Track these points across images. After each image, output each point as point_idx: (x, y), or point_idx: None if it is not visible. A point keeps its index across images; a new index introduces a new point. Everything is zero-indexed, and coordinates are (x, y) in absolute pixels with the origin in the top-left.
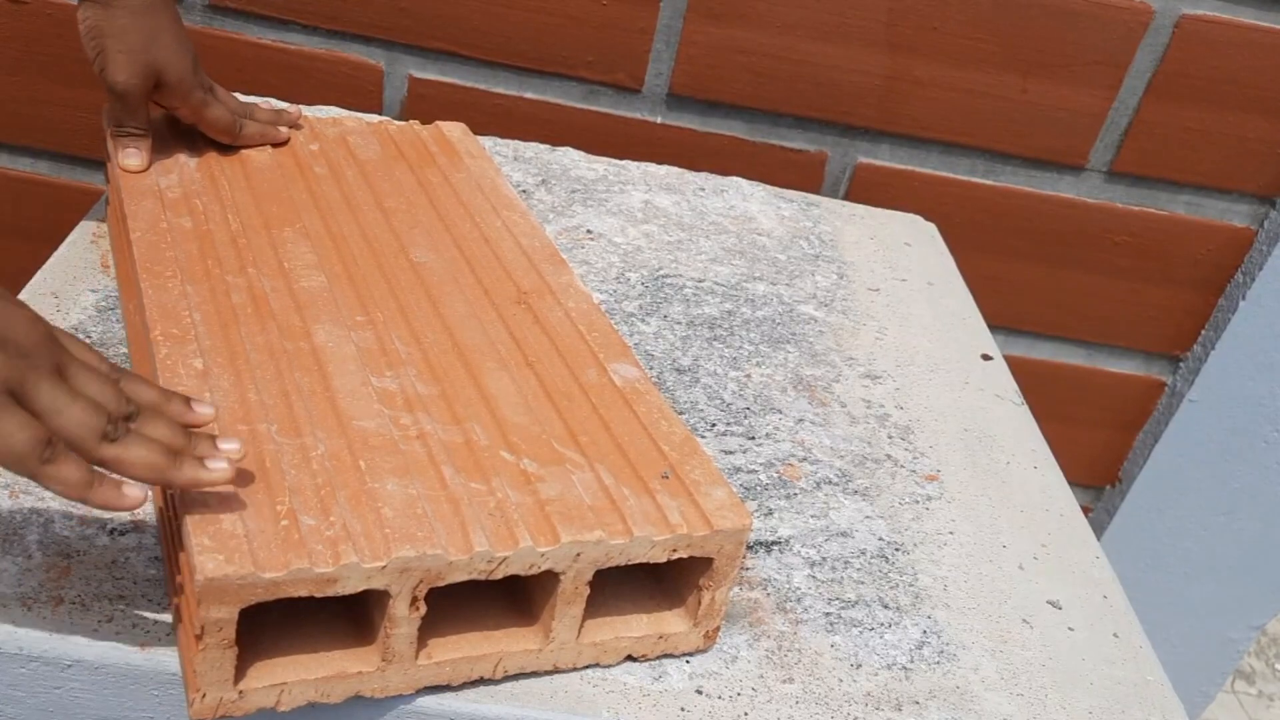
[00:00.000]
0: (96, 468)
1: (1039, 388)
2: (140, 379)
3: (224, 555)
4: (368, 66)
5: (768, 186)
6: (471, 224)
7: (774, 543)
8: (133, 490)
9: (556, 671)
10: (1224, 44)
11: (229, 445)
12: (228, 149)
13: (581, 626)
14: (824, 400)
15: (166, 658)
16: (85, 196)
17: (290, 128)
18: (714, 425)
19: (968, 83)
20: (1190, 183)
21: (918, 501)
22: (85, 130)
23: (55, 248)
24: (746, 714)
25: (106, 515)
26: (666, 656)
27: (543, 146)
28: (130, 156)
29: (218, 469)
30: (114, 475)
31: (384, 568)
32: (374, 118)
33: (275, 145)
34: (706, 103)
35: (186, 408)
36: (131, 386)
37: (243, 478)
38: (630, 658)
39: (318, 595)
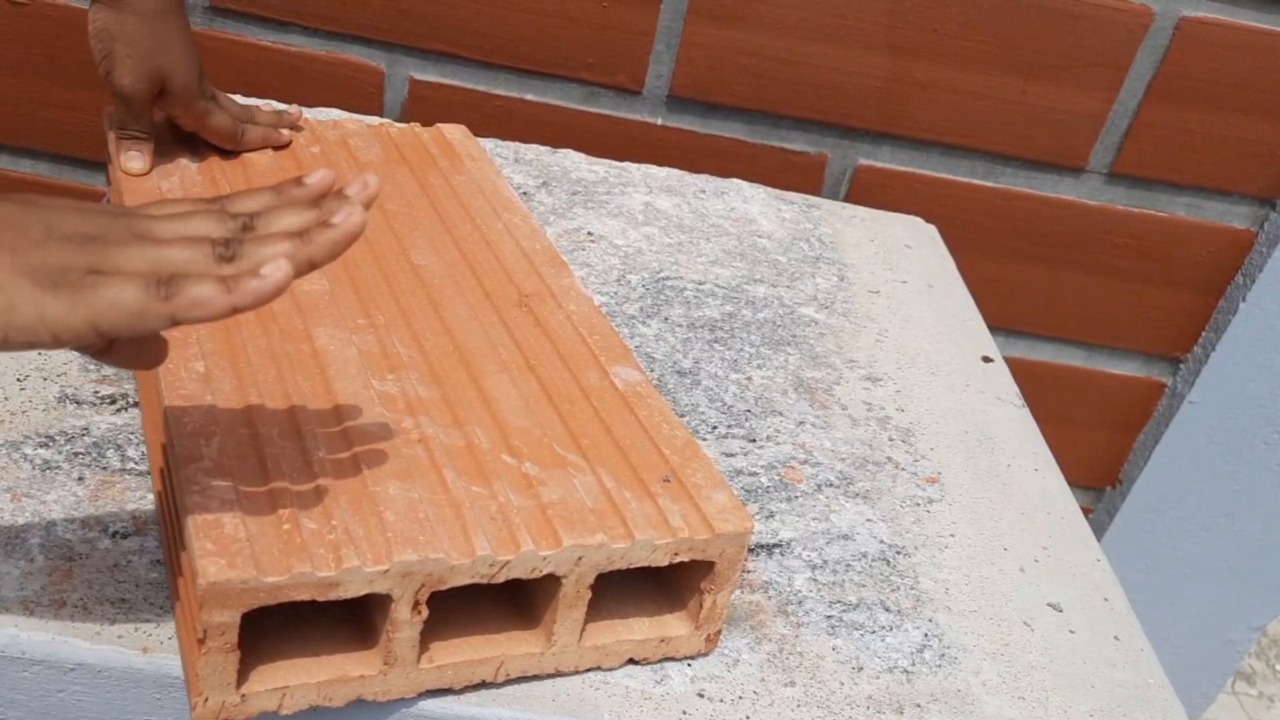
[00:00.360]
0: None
1: (1039, 389)
2: (246, 192)
3: (226, 559)
4: (368, 68)
5: (768, 188)
6: (473, 226)
7: (775, 545)
8: (271, 269)
9: (558, 675)
10: (1224, 46)
11: (356, 188)
12: (229, 152)
13: (583, 630)
14: (825, 403)
15: (169, 661)
16: (86, 198)
17: (291, 129)
18: (715, 428)
19: (968, 85)
20: (1190, 184)
21: (919, 504)
22: (86, 132)
23: None
24: (749, 717)
25: (108, 516)
26: (668, 660)
27: (543, 148)
28: (132, 159)
29: (348, 219)
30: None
31: (386, 571)
32: (375, 120)
33: (277, 148)
34: (707, 105)
35: (299, 186)
36: (237, 202)
37: (244, 479)
38: (632, 661)
39: (320, 599)
